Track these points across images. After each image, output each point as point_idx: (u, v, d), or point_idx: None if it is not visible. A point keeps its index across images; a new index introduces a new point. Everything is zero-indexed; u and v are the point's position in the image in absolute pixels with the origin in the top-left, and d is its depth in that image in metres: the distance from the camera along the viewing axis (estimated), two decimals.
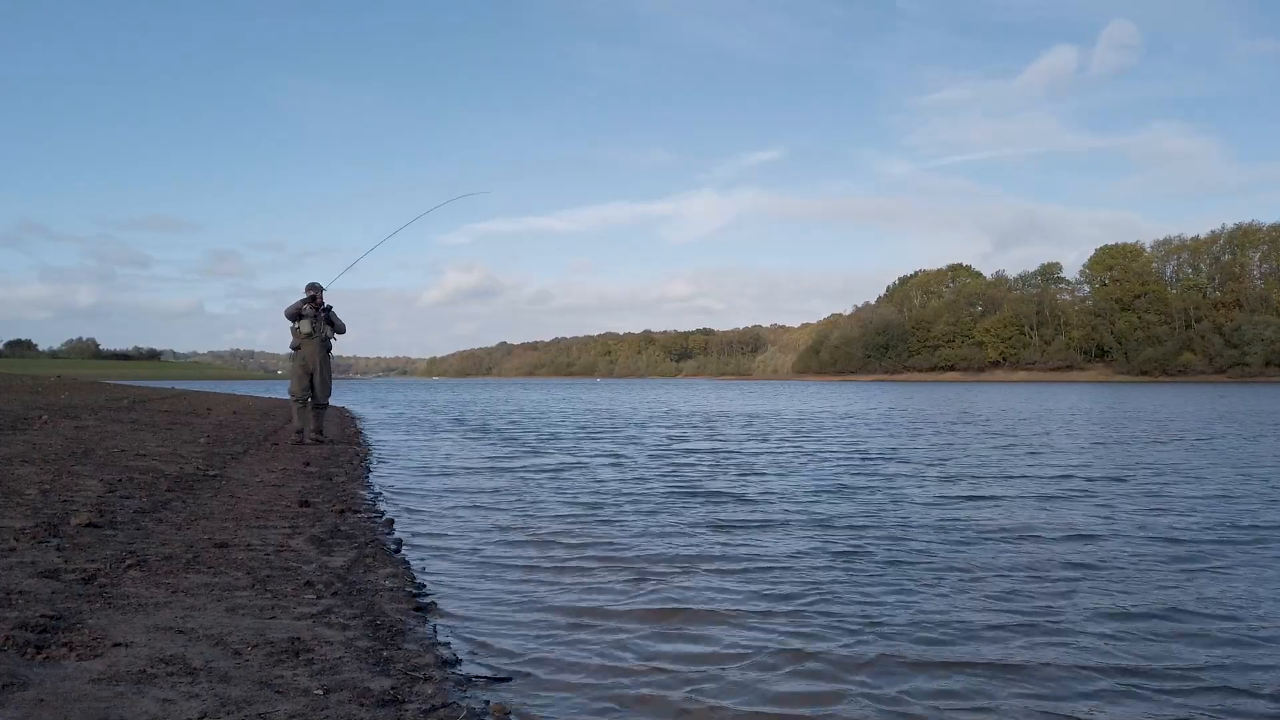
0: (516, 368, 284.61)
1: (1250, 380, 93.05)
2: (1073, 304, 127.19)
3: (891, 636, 4.14)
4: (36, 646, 3.03)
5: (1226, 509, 7.77)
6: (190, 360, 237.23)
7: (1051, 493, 8.86)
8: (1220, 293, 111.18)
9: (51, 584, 3.83)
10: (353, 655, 3.33)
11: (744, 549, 6.05)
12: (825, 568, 5.47)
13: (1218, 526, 6.90)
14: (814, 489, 9.05)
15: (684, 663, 3.78)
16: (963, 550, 6.01)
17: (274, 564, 4.73)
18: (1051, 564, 5.63)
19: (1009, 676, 3.65)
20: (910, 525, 6.94)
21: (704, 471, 10.76)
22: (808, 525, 6.93)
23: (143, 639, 3.25)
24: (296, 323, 11.74)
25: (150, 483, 7.16)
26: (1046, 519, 7.30)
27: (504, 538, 6.39)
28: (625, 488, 9.12)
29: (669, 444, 15.07)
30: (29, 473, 6.84)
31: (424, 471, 10.70)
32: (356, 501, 7.35)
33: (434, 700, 2.99)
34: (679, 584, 5.08)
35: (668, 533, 6.61)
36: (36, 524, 4.97)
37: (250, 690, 2.86)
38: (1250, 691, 3.50)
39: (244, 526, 5.73)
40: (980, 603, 4.72)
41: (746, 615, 4.46)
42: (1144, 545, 6.22)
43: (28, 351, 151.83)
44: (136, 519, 5.58)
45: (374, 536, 5.82)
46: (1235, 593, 4.94)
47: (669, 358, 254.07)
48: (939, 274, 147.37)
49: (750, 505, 7.98)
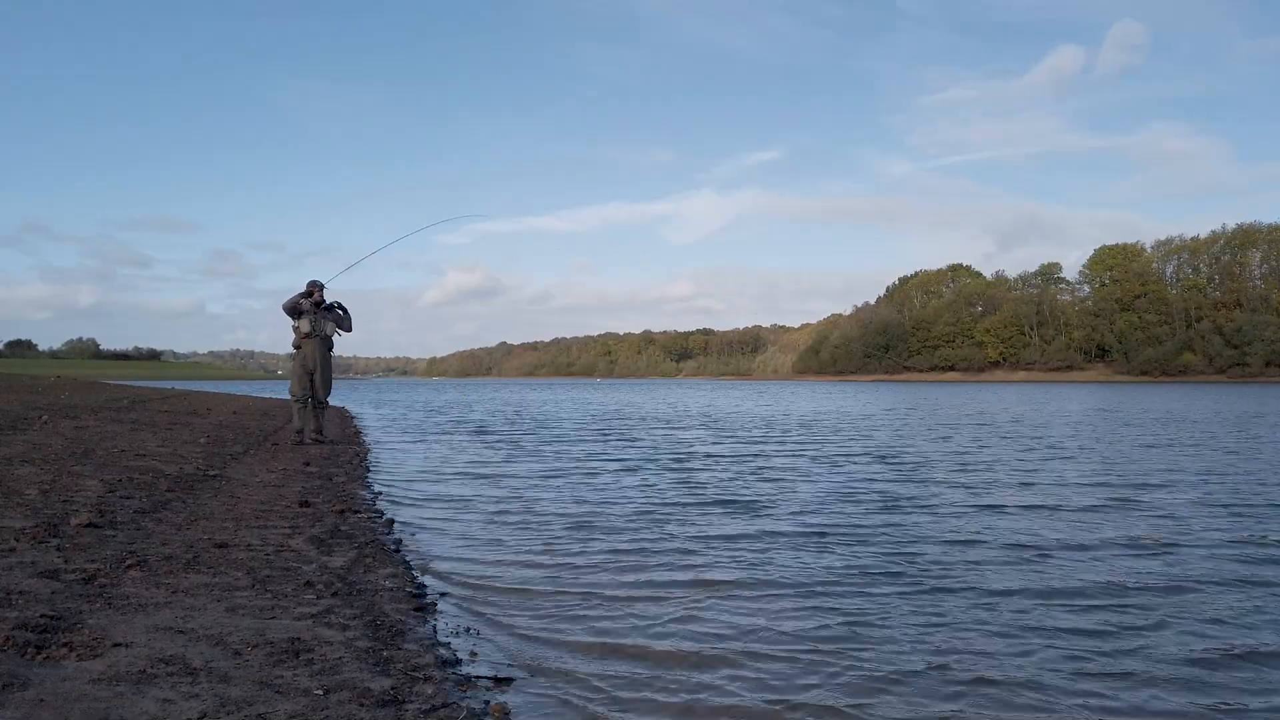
0: (516, 368, 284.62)
1: (1250, 380, 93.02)
2: (1073, 304, 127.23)
3: (949, 692, 3.48)
4: (36, 646, 3.03)
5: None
6: (190, 360, 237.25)
7: (1120, 497, 8.43)
8: (1220, 293, 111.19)
9: (51, 584, 3.82)
10: (353, 655, 3.33)
11: (769, 566, 5.60)
12: (863, 589, 4.97)
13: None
14: (851, 496, 8.49)
15: (687, 666, 3.77)
16: (1041, 574, 5.31)
17: (274, 564, 4.73)
18: (1132, 585, 4.99)
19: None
20: (969, 542, 6.24)
21: (723, 476, 10.38)
22: (856, 541, 6.29)
23: (143, 639, 3.25)
24: (296, 320, 11.70)
25: (150, 483, 7.16)
26: (1117, 529, 6.73)
27: (505, 539, 6.39)
28: (635, 492, 8.93)
29: (679, 446, 15.04)
30: (29, 473, 6.84)
31: (424, 472, 10.69)
32: (356, 502, 7.34)
33: (434, 700, 2.99)
34: (681, 586, 5.08)
35: (671, 535, 6.60)
36: (36, 524, 4.97)
37: (250, 690, 2.86)
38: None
39: (244, 527, 5.73)
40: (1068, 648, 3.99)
41: (762, 631, 4.26)
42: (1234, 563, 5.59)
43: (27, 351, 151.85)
44: (136, 519, 5.58)
45: (374, 536, 5.82)
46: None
47: (669, 358, 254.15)
48: (939, 274, 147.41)
49: (780, 516, 7.30)
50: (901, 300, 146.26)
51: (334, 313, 11.94)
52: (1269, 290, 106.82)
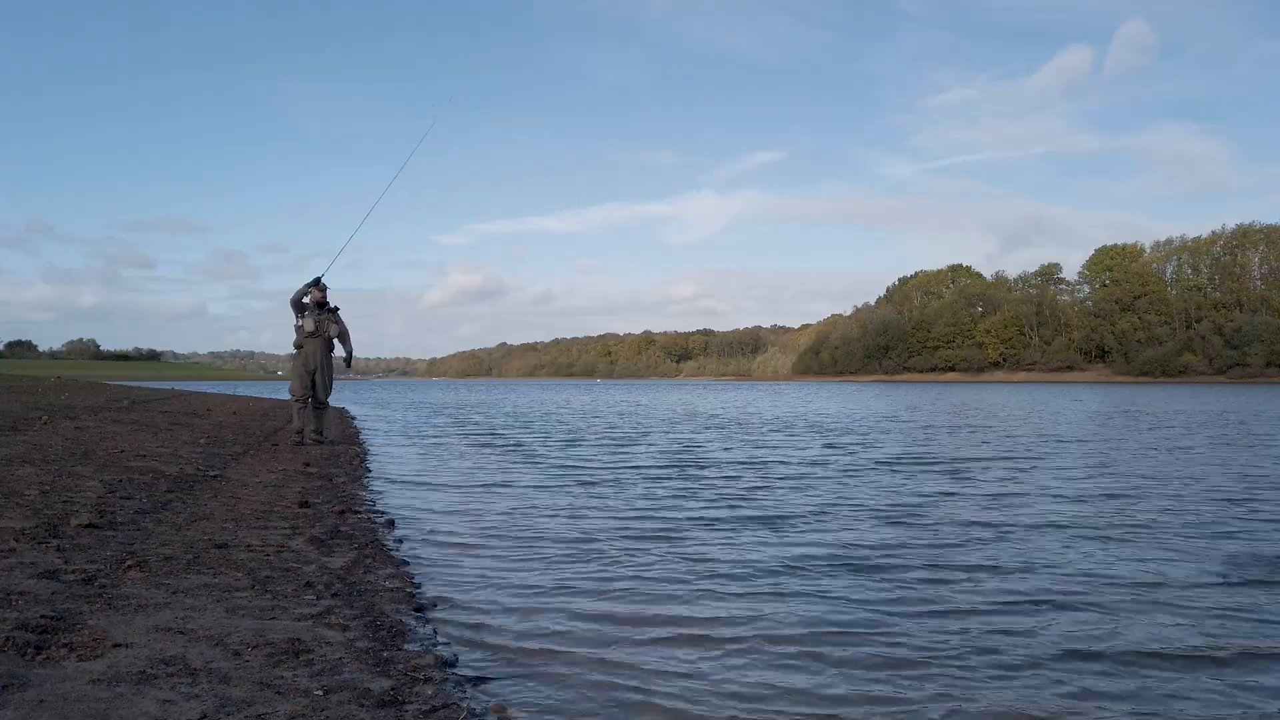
0: (517, 369, 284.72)
1: (1251, 381, 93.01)
2: (1073, 305, 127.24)
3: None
4: (36, 647, 3.03)
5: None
6: (190, 361, 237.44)
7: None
8: (1220, 293, 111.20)
9: (51, 584, 3.82)
10: (353, 656, 3.33)
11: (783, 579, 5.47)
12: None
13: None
14: (910, 513, 7.53)
15: (688, 667, 3.76)
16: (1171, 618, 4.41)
17: (274, 565, 4.72)
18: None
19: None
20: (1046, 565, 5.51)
21: (727, 477, 10.47)
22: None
23: (143, 640, 3.25)
24: (300, 317, 11.62)
25: (150, 483, 7.16)
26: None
27: (506, 540, 6.38)
28: (642, 500, 8.66)
29: (683, 448, 15.03)
30: (29, 473, 6.84)
31: (425, 473, 10.68)
32: (356, 502, 7.34)
33: (434, 701, 2.99)
34: (687, 590, 5.07)
35: (679, 539, 6.58)
36: (36, 524, 4.96)
37: (250, 691, 2.86)
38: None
39: (244, 527, 5.73)
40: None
41: (768, 638, 4.13)
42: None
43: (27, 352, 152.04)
44: (136, 520, 5.58)
45: (374, 537, 5.82)
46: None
47: (669, 358, 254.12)
48: (939, 274, 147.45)
49: (817, 530, 6.67)
50: (901, 301, 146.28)
51: (338, 316, 11.86)
52: (1269, 290, 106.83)
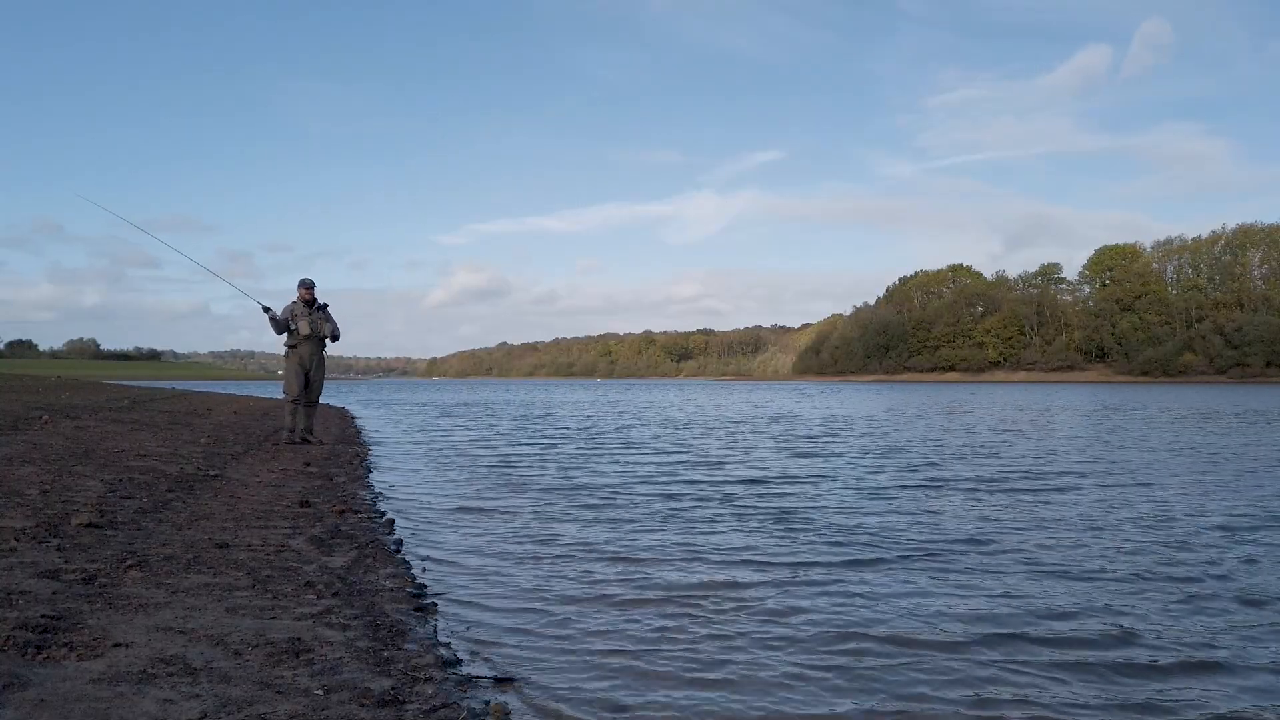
0: (517, 369, 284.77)
1: (1251, 381, 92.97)
2: (1073, 304, 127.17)
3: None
4: (37, 646, 3.03)
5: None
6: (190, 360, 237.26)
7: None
8: (1220, 293, 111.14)
9: (52, 584, 3.82)
10: (353, 655, 3.33)
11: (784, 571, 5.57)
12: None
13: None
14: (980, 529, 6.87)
15: (688, 669, 3.76)
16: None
17: (274, 564, 4.72)
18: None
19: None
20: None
21: (735, 477, 10.51)
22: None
23: (143, 639, 3.25)
24: (293, 322, 11.68)
25: (150, 483, 7.16)
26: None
27: (507, 539, 6.38)
28: (653, 499, 8.56)
29: (682, 450, 15.02)
30: (29, 473, 6.84)
31: (425, 472, 10.69)
32: (356, 502, 7.34)
33: (434, 700, 2.99)
34: (691, 595, 5.07)
35: (685, 543, 6.58)
36: (37, 524, 4.97)
37: (251, 690, 2.86)
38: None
39: (244, 527, 5.73)
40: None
41: (777, 642, 4.15)
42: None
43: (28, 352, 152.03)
44: (137, 519, 5.58)
45: (374, 537, 5.82)
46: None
47: (670, 358, 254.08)
48: (939, 274, 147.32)
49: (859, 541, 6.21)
50: (901, 300, 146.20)
51: (328, 314, 11.88)
52: (1269, 290, 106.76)
